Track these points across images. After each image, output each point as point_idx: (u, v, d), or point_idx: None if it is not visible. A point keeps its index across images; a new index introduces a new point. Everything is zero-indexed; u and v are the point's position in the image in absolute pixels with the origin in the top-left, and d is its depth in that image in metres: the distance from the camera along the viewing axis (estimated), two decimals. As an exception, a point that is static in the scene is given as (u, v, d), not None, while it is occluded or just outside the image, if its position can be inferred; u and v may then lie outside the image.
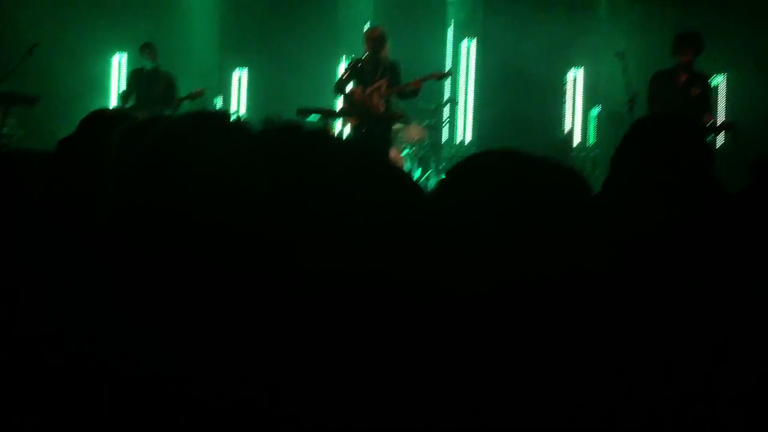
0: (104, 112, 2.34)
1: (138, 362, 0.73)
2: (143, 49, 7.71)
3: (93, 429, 0.73)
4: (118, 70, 9.39)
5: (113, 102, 9.17)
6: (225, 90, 9.54)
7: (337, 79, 6.95)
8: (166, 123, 1.00)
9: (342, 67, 9.19)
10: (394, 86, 6.41)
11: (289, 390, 0.73)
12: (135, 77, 7.87)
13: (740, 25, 8.07)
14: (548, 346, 0.86)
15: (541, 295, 0.87)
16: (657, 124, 2.03)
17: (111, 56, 9.38)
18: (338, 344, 0.74)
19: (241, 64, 9.59)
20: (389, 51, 6.44)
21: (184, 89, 7.71)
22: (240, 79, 9.64)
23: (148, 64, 7.69)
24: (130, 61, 9.16)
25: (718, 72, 8.32)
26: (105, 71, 9.38)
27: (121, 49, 9.29)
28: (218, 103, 9.39)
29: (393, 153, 6.53)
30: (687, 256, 1.67)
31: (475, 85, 9.56)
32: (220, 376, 0.73)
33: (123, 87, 8.04)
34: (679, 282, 1.64)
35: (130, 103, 7.64)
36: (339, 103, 7.44)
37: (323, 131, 0.90)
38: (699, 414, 0.96)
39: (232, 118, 0.96)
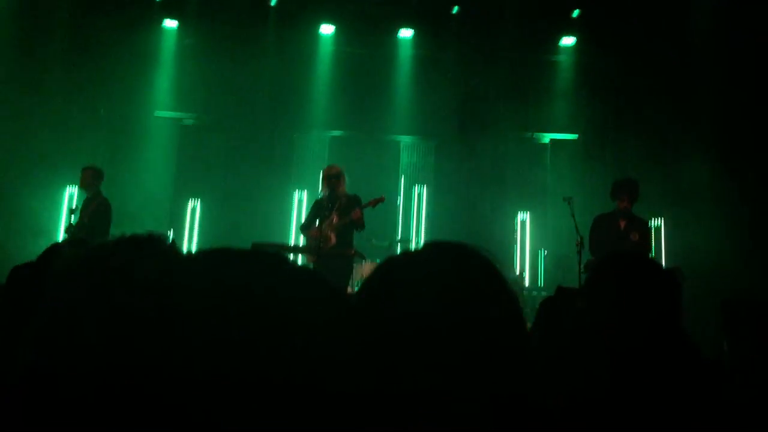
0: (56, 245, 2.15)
1: None
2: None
3: None
4: (68, 203, 9.27)
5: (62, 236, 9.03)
6: (178, 221, 9.52)
7: (302, 222, 7.03)
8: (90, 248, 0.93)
9: (296, 202, 9.38)
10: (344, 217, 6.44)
11: None
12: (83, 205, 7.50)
13: (674, 173, 8.59)
14: None
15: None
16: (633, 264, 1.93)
17: (63, 189, 9.31)
18: None
19: (195, 196, 9.63)
20: (346, 187, 6.56)
21: (137, 219, 7.59)
22: (193, 210, 9.65)
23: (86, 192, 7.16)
24: (81, 194, 9.07)
25: (657, 216, 8.79)
26: (57, 204, 9.27)
27: (73, 182, 9.24)
28: (170, 234, 9.30)
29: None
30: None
31: (426, 225, 9.80)
32: None
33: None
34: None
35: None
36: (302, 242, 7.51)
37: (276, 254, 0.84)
38: None
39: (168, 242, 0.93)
